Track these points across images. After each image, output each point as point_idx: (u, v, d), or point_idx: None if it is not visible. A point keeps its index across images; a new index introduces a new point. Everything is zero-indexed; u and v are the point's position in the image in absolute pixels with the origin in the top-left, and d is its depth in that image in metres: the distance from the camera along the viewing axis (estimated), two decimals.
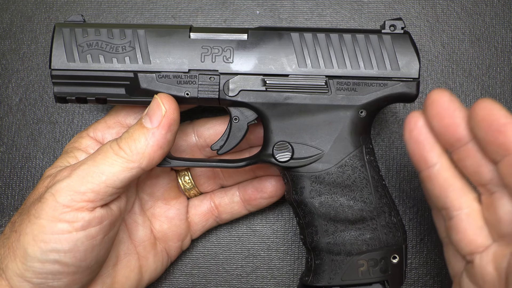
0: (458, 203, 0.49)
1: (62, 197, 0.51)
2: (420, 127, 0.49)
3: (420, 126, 0.50)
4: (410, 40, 0.56)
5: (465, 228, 0.49)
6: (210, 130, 0.62)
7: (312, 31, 0.56)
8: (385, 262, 0.55)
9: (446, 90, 0.49)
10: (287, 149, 0.56)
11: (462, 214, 0.49)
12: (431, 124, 0.49)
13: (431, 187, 0.50)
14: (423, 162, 0.50)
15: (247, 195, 0.64)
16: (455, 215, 0.50)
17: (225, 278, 0.68)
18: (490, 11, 0.69)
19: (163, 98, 0.54)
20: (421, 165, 0.50)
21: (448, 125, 0.48)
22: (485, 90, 0.68)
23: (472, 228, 0.49)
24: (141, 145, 0.53)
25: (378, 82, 0.56)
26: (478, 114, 0.46)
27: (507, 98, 0.68)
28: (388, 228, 0.56)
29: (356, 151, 0.56)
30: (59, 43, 0.56)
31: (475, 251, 0.49)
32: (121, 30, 0.56)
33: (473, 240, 0.49)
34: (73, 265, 0.52)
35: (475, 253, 0.49)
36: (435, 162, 0.49)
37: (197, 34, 0.56)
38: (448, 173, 0.50)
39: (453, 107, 0.48)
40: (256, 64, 0.56)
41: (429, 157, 0.49)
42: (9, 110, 0.70)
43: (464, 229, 0.49)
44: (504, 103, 0.68)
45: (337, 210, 0.55)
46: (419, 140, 0.49)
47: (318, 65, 0.56)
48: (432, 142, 0.49)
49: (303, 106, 0.56)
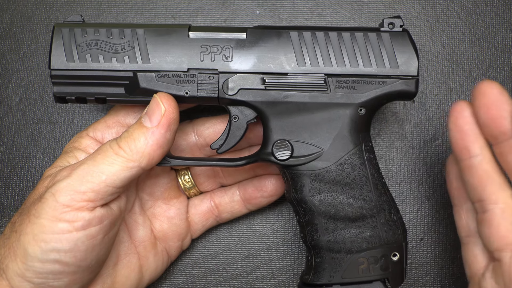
0: (495, 197, 0.50)
1: (62, 197, 0.51)
2: (466, 117, 0.50)
3: (466, 116, 0.50)
4: (409, 38, 0.56)
5: (498, 222, 0.50)
6: (209, 129, 0.62)
7: (311, 30, 0.56)
8: (386, 260, 0.55)
9: (496, 82, 0.49)
10: (286, 147, 0.56)
11: (497, 209, 0.50)
12: (477, 115, 0.50)
13: (470, 178, 0.51)
14: (466, 151, 0.50)
15: (247, 194, 0.64)
16: (490, 208, 0.50)
17: (225, 278, 0.68)
18: (490, 11, 0.69)
19: (162, 97, 0.54)
20: (463, 154, 0.51)
21: (494, 117, 0.49)
22: None
23: (506, 224, 0.49)
24: (141, 144, 0.53)
25: (377, 80, 0.56)
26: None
27: None
28: (388, 226, 0.56)
29: (355, 149, 0.56)
30: (58, 43, 0.56)
31: (505, 248, 0.50)
32: (120, 30, 0.56)
33: (505, 236, 0.49)
34: (73, 264, 0.51)
35: (504, 250, 0.50)
36: (477, 153, 0.50)
37: (196, 33, 0.56)
38: (489, 166, 0.50)
39: (502, 99, 0.49)
40: (255, 63, 0.56)
41: (472, 147, 0.50)
42: (9, 110, 0.70)
43: (497, 223, 0.50)
44: None
45: (337, 208, 0.55)
46: (463, 129, 0.50)
47: (317, 64, 0.56)
48: (476, 132, 0.50)
49: (302, 105, 0.56)
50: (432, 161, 0.68)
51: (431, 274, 0.67)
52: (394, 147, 0.68)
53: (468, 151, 0.50)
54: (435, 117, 0.68)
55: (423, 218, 0.67)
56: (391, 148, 0.68)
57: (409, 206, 0.68)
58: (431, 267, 0.67)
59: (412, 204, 0.68)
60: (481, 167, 0.50)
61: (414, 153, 0.68)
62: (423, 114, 0.68)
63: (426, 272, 0.67)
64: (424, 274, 0.67)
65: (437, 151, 0.68)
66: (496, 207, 0.50)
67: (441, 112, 0.68)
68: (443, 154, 0.68)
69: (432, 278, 0.67)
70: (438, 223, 0.67)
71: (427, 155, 0.68)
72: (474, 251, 0.54)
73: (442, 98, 0.68)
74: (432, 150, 0.68)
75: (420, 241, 0.67)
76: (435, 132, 0.68)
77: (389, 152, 0.68)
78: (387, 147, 0.68)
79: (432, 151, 0.68)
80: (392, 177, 0.68)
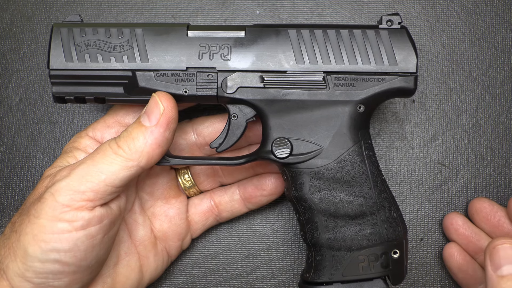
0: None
1: (62, 197, 0.51)
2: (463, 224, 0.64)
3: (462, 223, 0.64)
4: (407, 35, 0.56)
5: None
6: (209, 128, 0.63)
7: (309, 28, 0.56)
8: (386, 257, 0.55)
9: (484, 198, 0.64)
10: (286, 145, 0.56)
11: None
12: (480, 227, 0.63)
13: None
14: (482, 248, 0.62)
15: (247, 193, 0.64)
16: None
17: (225, 278, 0.68)
18: (490, 11, 0.69)
19: (161, 96, 0.54)
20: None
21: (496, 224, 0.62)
22: (485, 90, 0.68)
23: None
24: (140, 144, 0.53)
25: (376, 77, 0.56)
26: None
27: (507, 98, 0.68)
28: (388, 223, 0.55)
29: (355, 146, 0.56)
30: (57, 43, 0.56)
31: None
32: (119, 29, 0.56)
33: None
34: (73, 264, 0.51)
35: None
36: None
37: (195, 32, 0.56)
38: None
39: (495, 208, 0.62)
40: (254, 61, 0.56)
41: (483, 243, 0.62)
42: (9, 110, 0.70)
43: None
44: (504, 103, 0.68)
45: (336, 205, 0.55)
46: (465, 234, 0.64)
47: (316, 61, 0.56)
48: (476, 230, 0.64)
49: (301, 102, 0.56)
50: (432, 161, 0.68)
51: (431, 274, 0.67)
52: (394, 147, 0.68)
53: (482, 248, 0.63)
54: (435, 117, 0.68)
55: (423, 218, 0.67)
56: (391, 148, 0.68)
57: (409, 206, 0.68)
58: (431, 267, 0.67)
59: (412, 204, 0.68)
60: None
61: (414, 153, 0.68)
62: (423, 114, 0.68)
63: (426, 272, 0.67)
64: (424, 274, 0.67)
65: (437, 151, 0.68)
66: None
67: (441, 112, 0.68)
68: (443, 154, 0.68)
69: (432, 278, 0.67)
70: (438, 223, 0.67)
71: (427, 155, 0.68)
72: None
73: (442, 98, 0.68)
74: (432, 150, 0.68)
75: (420, 241, 0.67)
76: (435, 132, 0.68)
77: (389, 152, 0.68)
78: (387, 147, 0.68)
79: (432, 151, 0.68)
80: (392, 177, 0.68)
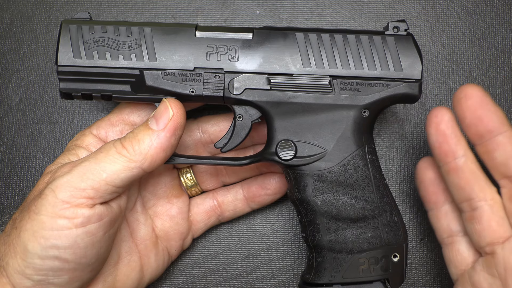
0: (483, 194, 0.52)
1: (62, 193, 0.51)
2: (447, 121, 0.53)
3: (447, 120, 0.53)
4: (413, 42, 0.57)
5: (488, 218, 0.52)
6: (214, 127, 0.63)
7: (316, 32, 0.57)
8: (386, 261, 0.56)
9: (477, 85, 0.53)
10: (290, 147, 0.56)
11: (487, 205, 0.52)
12: (462, 117, 0.53)
13: (456, 179, 0.53)
14: (451, 154, 0.53)
15: (251, 192, 0.64)
16: (479, 205, 0.53)
17: (225, 278, 0.68)
18: (490, 11, 0.70)
19: (171, 102, 0.55)
20: (448, 157, 0.53)
21: (481, 117, 0.52)
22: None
23: (496, 219, 0.52)
24: (145, 146, 0.53)
25: (381, 82, 0.56)
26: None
27: (507, 98, 0.68)
28: (389, 227, 0.56)
29: (358, 150, 0.56)
30: (65, 40, 0.57)
31: (497, 242, 0.52)
32: (127, 28, 0.57)
33: (496, 230, 0.52)
34: (73, 261, 0.51)
35: (496, 244, 0.52)
36: (462, 154, 0.53)
37: (203, 33, 0.57)
38: (474, 165, 0.53)
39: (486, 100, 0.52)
40: (261, 63, 0.56)
41: (457, 150, 0.53)
42: (9, 110, 0.70)
43: (488, 219, 0.52)
44: (504, 103, 0.68)
45: (339, 208, 0.56)
46: (446, 133, 0.53)
47: (322, 65, 0.56)
48: (459, 135, 0.53)
49: (307, 105, 0.56)
50: None
51: (431, 274, 0.67)
52: (394, 147, 0.69)
53: (453, 154, 0.53)
54: None
55: (423, 218, 0.68)
56: (391, 148, 0.69)
57: (409, 206, 0.68)
58: (431, 267, 0.67)
59: (412, 204, 0.68)
60: (468, 167, 0.53)
61: (414, 153, 0.68)
62: (423, 114, 0.69)
63: (426, 272, 0.67)
64: (424, 274, 0.67)
65: None
66: (485, 203, 0.53)
67: None
68: None
69: (432, 278, 0.67)
70: None
71: (427, 155, 0.68)
72: (459, 250, 0.57)
73: (442, 98, 0.69)
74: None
75: (420, 241, 0.67)
76: None
77: (389, 152, 0.69)
78: (387, 147, 0.69)
79: None
80: (392, 177, 0.68)
